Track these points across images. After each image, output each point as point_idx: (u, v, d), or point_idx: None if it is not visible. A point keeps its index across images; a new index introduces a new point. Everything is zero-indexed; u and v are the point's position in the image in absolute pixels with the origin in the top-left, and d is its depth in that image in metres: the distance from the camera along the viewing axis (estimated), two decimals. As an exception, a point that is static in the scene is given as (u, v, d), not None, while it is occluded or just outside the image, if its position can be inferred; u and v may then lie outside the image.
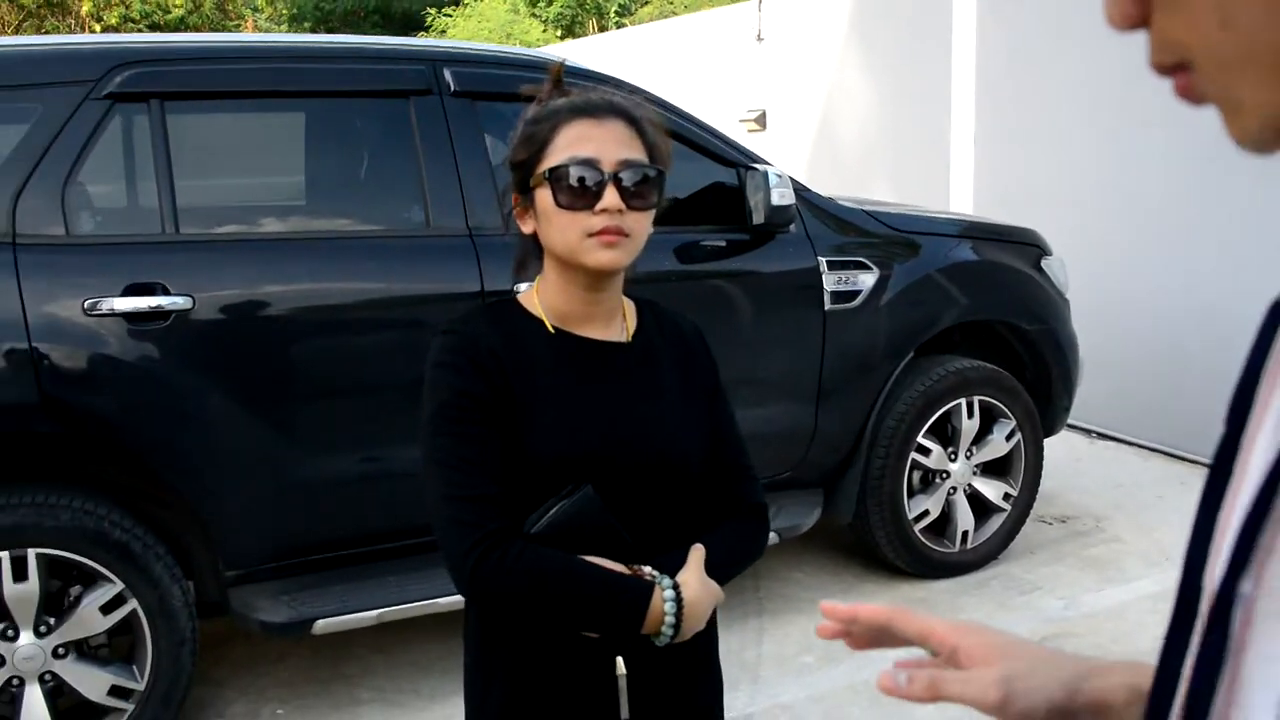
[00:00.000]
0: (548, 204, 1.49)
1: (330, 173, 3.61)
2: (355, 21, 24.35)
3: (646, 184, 1.51)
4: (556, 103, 1.54)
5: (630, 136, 1.52)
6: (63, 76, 3.03)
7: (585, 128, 1.50)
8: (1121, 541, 4.66)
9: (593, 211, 1.46)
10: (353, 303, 3.20)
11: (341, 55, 3.47)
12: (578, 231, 1.47)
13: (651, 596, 1.46)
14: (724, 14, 9.93)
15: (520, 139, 1.55)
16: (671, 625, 1.47)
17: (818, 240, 3.90)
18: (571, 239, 1.48)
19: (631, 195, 1.48)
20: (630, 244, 1.50)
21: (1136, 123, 5.79)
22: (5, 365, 2.84)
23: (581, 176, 1.47)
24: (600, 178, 1.47)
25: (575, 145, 1.49)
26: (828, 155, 8.47)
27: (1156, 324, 5.74)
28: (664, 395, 1.60)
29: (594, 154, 1.48)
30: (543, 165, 1.50)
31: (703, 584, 1.51)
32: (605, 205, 1.46)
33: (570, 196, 1.47)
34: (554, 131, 1.51)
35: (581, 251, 1.48)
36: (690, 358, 1.67)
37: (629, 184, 1.48)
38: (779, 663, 3.69)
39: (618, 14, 18.35)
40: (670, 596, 1.47)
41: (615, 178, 1.47)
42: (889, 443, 4.05)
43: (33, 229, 2.91)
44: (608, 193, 1.47)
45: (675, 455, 1.57)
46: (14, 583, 2.88)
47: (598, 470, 1.50)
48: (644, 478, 1.55)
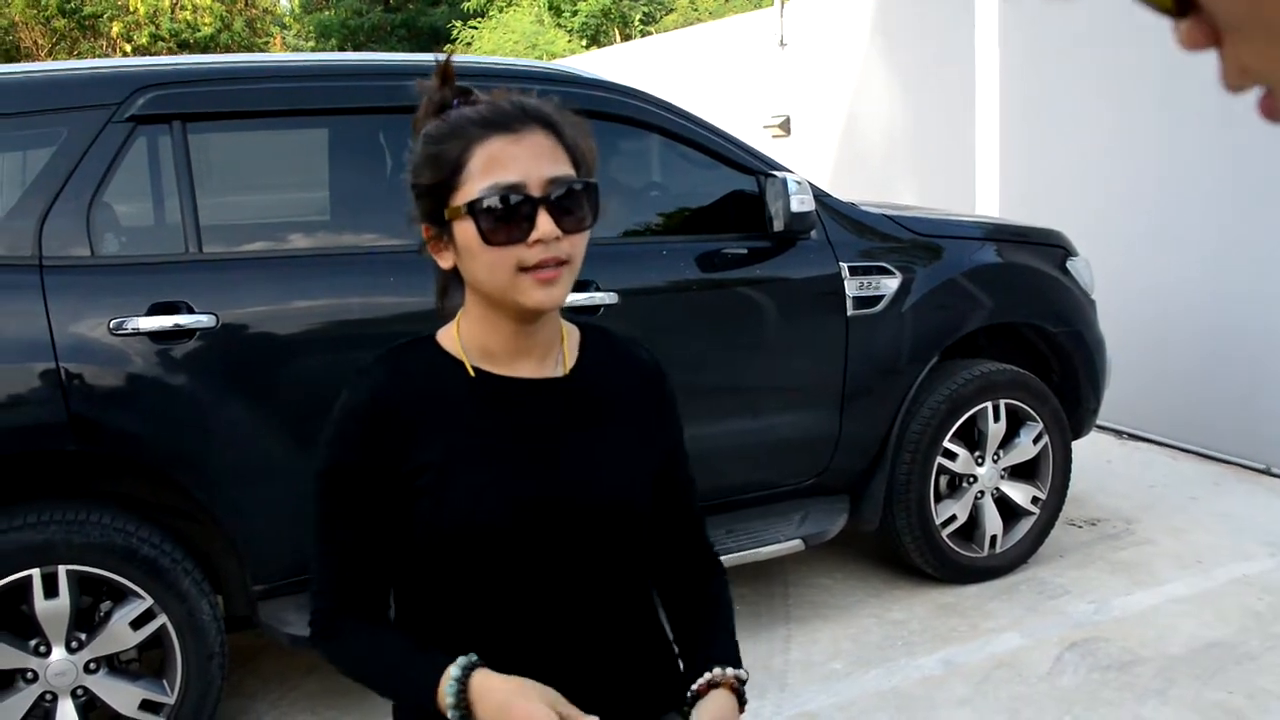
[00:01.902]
0: (470, 240, 1.31)
1: (352, 189, 3.63)
2: (382, 36, 24.52)
3: (580, 200, 1.34)
4: (462, 114, 1.34)
5: (552, 146, 1.34)
6: (86, 100, 3.07)
7: (501, 145, 1.31)
8: (1153, 544, 4.62)
9: (526, 244, 1.30)
10: (374, 317, 3.23)
11: (361, 73, 3.51)
12: (508, 268, 1.31)
13: (438, 685, 1.33)
14: (747, 20, 9.93)
15: (423, 158, 1.35)
16: (453, 707, 1.31)
17: (839, 246, 3.90)
18: (502, 277, 1.31)
19: (566, 217, 1.31)
20: (569, 273, 1.34)
21: (1162, 122, 5.75)
22: (34, 385, 2.88)
23: (509, 207, 1.29)
24: (530, 205, 1.30)
25: (494, 169, 1.30)
26: (852, 160, 8.46)
27: (1186, 323, 5.69)
28: (604, 437, 1.45)
29: (518, 177, 1.30)
30: (459, 196, 1.32)
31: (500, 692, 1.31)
32: (540, 235, 1.29)
33: (497, 231, 1.30)
34: (465, 153, 1.32)
35: (515, 290, 1.31)
36: (644, 391, 1.52)
37: (562, 205, 1.31)
38: (806, 670, 3.69)
39: (642, 23, 18.40)
40: (452, 680, 1.32)
41: (547, 201, 1.30)
42: (915, 448, 4.03)
43: (59, 250, 2.95)
44: (541, 220, 1.29)
45: (614, 506, 1.43)
46: (45, 599, 2.91)
47: (526, 532, 1.38)
48: (580, 533, 1.41)
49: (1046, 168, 6.55)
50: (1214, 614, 3.95)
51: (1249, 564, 4.36)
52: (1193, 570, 4.34)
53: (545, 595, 1.41)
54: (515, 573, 1.39)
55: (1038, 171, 6.63)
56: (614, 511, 1.44)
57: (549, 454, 1.41)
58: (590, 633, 1.44)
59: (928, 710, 3.39)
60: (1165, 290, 5.79)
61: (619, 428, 1.47)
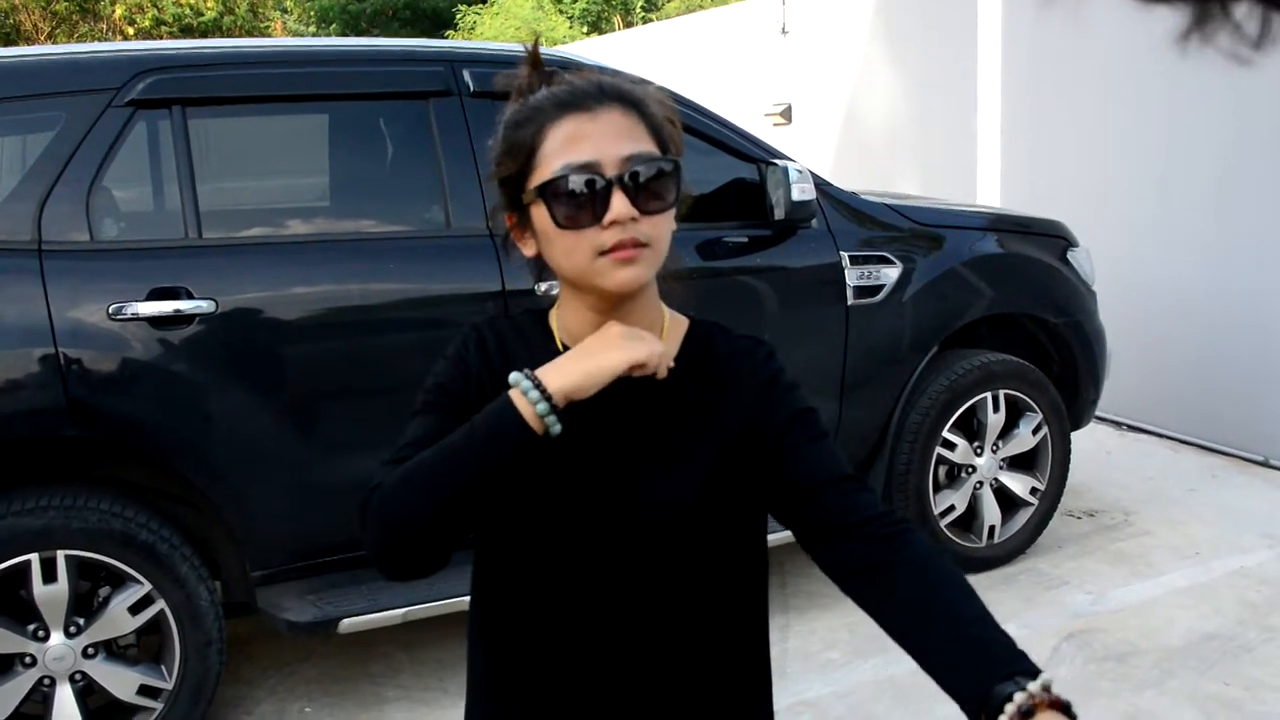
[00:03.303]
0: (546, 225, 1.25)
1: (351, 175, 3.63)
2: (384, 21, 24.45)
3: (661, 180, 1.25)
4: (537, 98, 1.29)
5: (632, 124, 1.26)
6: (86, 84, 3.06)
7: (577, 124, 1.25)
8: (1151, 535, 4.63)
9: (601, 226, 1.22)
10: (373, 303, 3.22)
11: (361, 58, 3.49)
12: (586, 252, 1.24)
13: (506, 398, 1.23)
14: (748, 8, 9.90)
15: (503, 149, 1.30)
16: (534, 389, 1.21)
17: (840, 235, 3.89)
18: (580, 261, 1.24)
19: (645, 197, 1.23)
20: (651, 254, 1.26)
21: (1164, 113, 5.74)
22: (33, 370, 2.88)
23: (581, 188, 1.22)
24: (604, 184, 1.22)
25: (568, 149, 1.24)
26: (854, 148, 8.44)
27: (1186, 315, 5.69)
28: (680, 439, 1.33)
29: (592, 156, 1.23)
30: (534, 180, 1.26)
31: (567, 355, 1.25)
32: (615, 216, 1.21)
33: (570, 213, 1.23)
34: (540, 135, 1.26)
35: (594, 273, 1.24)
36: (741, 389, 1.35)
37: (640, 184, 1.23)
38: (804, 658, 3.69)
39: (643, 9, 18.36)
40: (517, 379, 1.22)
41: (621, 180, 1.22)
42: (914, 438, 4.03)
43: (58, 235, 2.95)
44: (615, 200, 1.21)
45: (663, 514, 1.31)
46: (44, 584, 2.92)
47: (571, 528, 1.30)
48: (629, 539, 1.31)
49: (1048, 158, 6.54)
50: (1211, 606, 3.96)
51: (1247, 556, 4.37)
52: (1191, 562, 4.34)
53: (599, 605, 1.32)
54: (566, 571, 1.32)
55: (1039, 161, 6.62)
56: (663, 519, 1.31)
57: (612, 453, 1.32)
58: (675, 657, 1.34)
59: (924, 699, 3.39)
60: (1166, 282, 5.78)
61: (700, 430, 1.34)
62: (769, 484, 1.32)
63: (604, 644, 1.33)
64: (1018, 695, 1.05)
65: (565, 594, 1.33)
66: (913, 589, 1.23)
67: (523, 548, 1.33)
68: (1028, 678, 1.07)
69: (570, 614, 1.33)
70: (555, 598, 1.33)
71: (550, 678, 1.35)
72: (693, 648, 1.34)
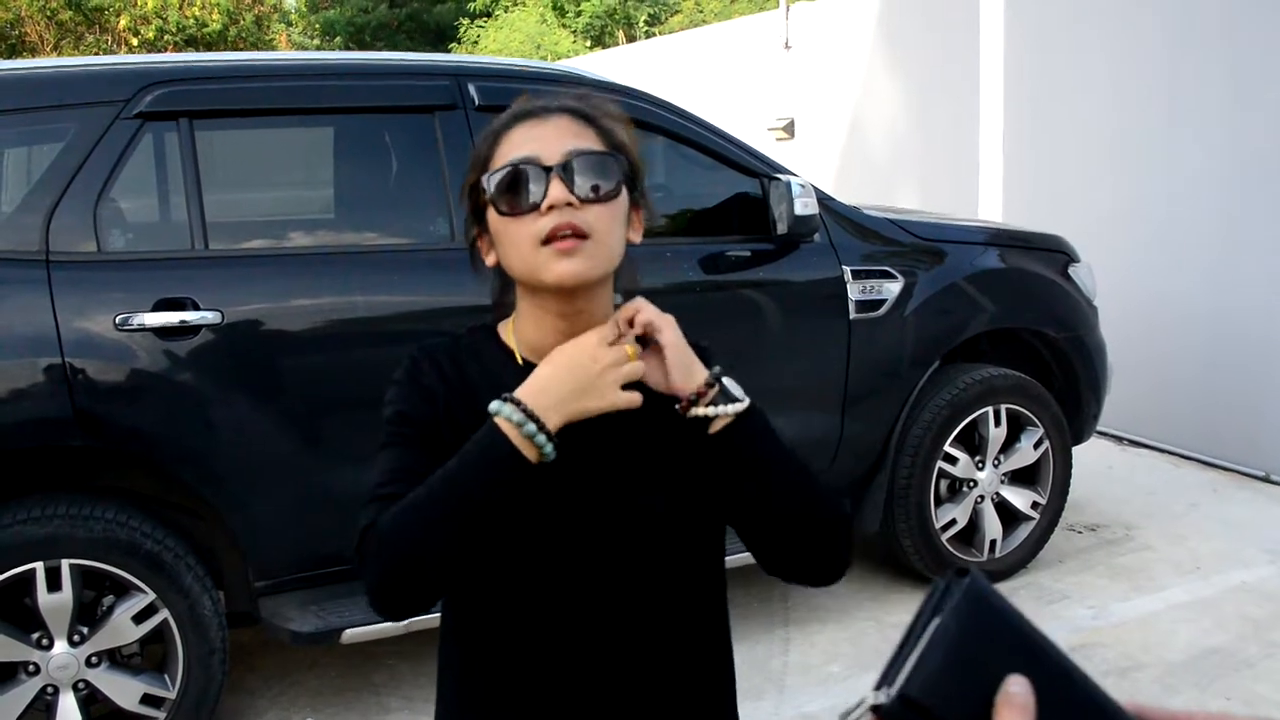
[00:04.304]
0: (495, 221, 1.31)
1: (357, 188, 3.65)
2: (388, 34, 24.54)
3: (603, 171, 1.29)
4: (499, 116, 1.36)
5: (580, 129, 1.32)
6: (94, 97, 3.09)
7: (527, 129, 1.31)
8: (1152, 550, 4.63)
9: (540, 212, 1.26)
10: (378, 315, 3.24)
11: (367, 72, 3.52)
12: (529, 241, 1.26)
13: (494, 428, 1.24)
14: (752, 22, 9.94)
15: (470, 164, 1.37)
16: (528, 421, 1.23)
17: (842, 249, 3.91)
18: (525, 252, 1.27)
19: (582, 183, 1.27)
20: (594, 248, 1.27)
21: (1166, 128, 5.76)
22: (39, 380, 2.89)
23: (520, 175, 1.27)
24: (543, 172, 1.26)
25: (515, 150, 1.29)
26: (856, 163, 8.47)
27: (1188, 330, 5.70)
28: (647, 437, 1.36)
29: (534, 151, 1.28)
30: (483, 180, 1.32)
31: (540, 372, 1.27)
32: (551, 200, 1.25)
33: (510, 200, 1.28)
34: (495, 144, 1.33)
35: (538, 266, 1.27)
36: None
37: (580, 173, 1.27)
38: (804, 672, 3.70)
39: (647, 24, 18.42)
40: (499, 409, 1.24)
41: (560, 169, 1.26)
42: (915, 451, 4.04)
43: (65, 246, 2.97)
44: (553, 186, 1.25)
45: (637, 508, 1.34)
46: (48, 593, 2.93)
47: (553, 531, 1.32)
48: (609, 537, 1.34)
49: (1050, 172, 6.56)
50: (1213, 620, 3.96)
51: (1248, 571, 4.37)
52: (1192, 577, 4.35)
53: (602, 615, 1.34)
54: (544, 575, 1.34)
55: (1041, 176, 6.64)
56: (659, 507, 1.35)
57: (584, 452, 1.32)
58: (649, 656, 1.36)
59: (925, 713, 3.40)
60: (1167, 297, 5.80)
61: (663, 433, 1.36)
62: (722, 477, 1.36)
63: (580, 650, 1.35)
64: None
65: (543, 604, 1.34)
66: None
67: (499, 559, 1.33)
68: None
69: (547, 622, 1.34)
70: (532, 607, 1.34)
71: (525, 687, 1.36)
72: (665, 654, 1.37)
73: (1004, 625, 0.72)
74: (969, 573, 0.72)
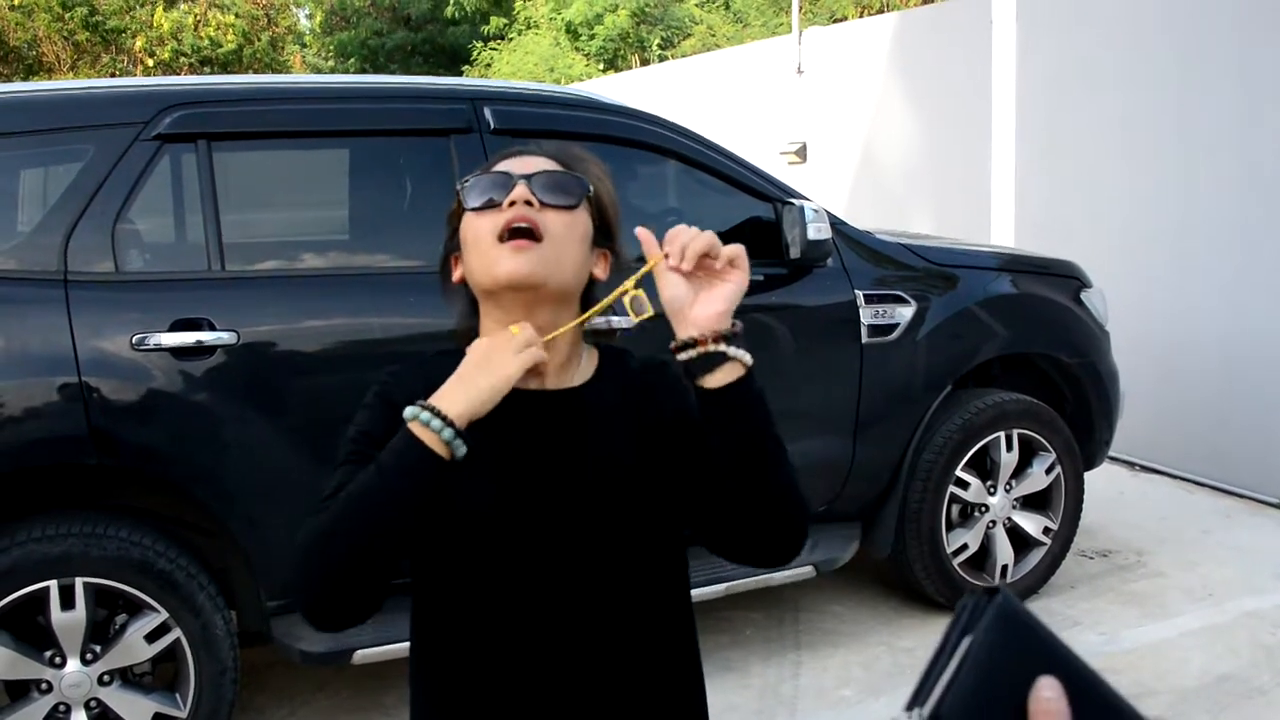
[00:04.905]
0: (464, 224, 1.41)
1: (373, 210, 3.67)
2: (402, 57, 24.66)
3: (567, 188, 1.40)
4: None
5: (548, 163, 1.43)
6: (114, 118, 3.12)
7: (504, 159, 1.45)
8: (1164, 576, 4.62)
9: (501, 208, 1.36)
10: (393, 337, 3.26)
11: (383, 95, 3.54)
12: (489, 236, 1.36)
13: (406, 432, 1.29)
14: (764, 47, 9.98)
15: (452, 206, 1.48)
16: (434, 417, 1.28)
17: (854, 274, 3.92)
18: (485, 248, 1.36)
19: (545, 190, 1.37)
20: (547, 250, 1.35)
21: (1178, 155, 5.77)
22: (56, 399, 2.91)
23: (491, 179, 1.40)
24: (509, 178, 1.38)
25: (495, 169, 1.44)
26: (868, 187, 8.49)
27: (1200, 356, 5.70)
28: (612, 449, 1.41)
29: (508, 168, 1.41)
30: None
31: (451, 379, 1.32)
32: (513, 196, 1.35)
33: (480, 197, 1.38)
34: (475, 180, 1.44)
35: (492, 261, 1.35)
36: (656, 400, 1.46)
37: (542, 184, 1.38)
38: (817, 696, 3.69)
39: (660, 48, 18.49)
40: (415, 413, 1.29)
41: (527, 178, 1.38)
42: (927, 476, 4.04)
43: (84, 266, 2.99)
44: (517, 187, 1.37)
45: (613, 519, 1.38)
46: (62, 611, 2.94)
47: (521, 544, 1.36)
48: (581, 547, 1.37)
49: (1062, 198, 6.57)
50: (1225, 647, 3.95)
51: (1261, 598, 4.36)
52: (1204, 603, 4.33)
53: (567, 615, 1.38)
54: (533, 591, 1.37)
55: (1054, 201, 6.65)
56: (614, 524, 1.38)
57: (551, 465, 1.39)
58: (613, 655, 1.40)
59: (937, 739, 3.38)
60: (1179, 323, 5.80)
61: (630, 441, 1.42)
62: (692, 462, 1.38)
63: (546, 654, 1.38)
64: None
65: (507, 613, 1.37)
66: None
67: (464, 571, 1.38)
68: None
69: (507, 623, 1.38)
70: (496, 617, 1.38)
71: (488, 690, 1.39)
72: (630, 651, 1.41)
73: (1036, 643, 0.72)
74: (999, 591, 0.72)
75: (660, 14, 19.06)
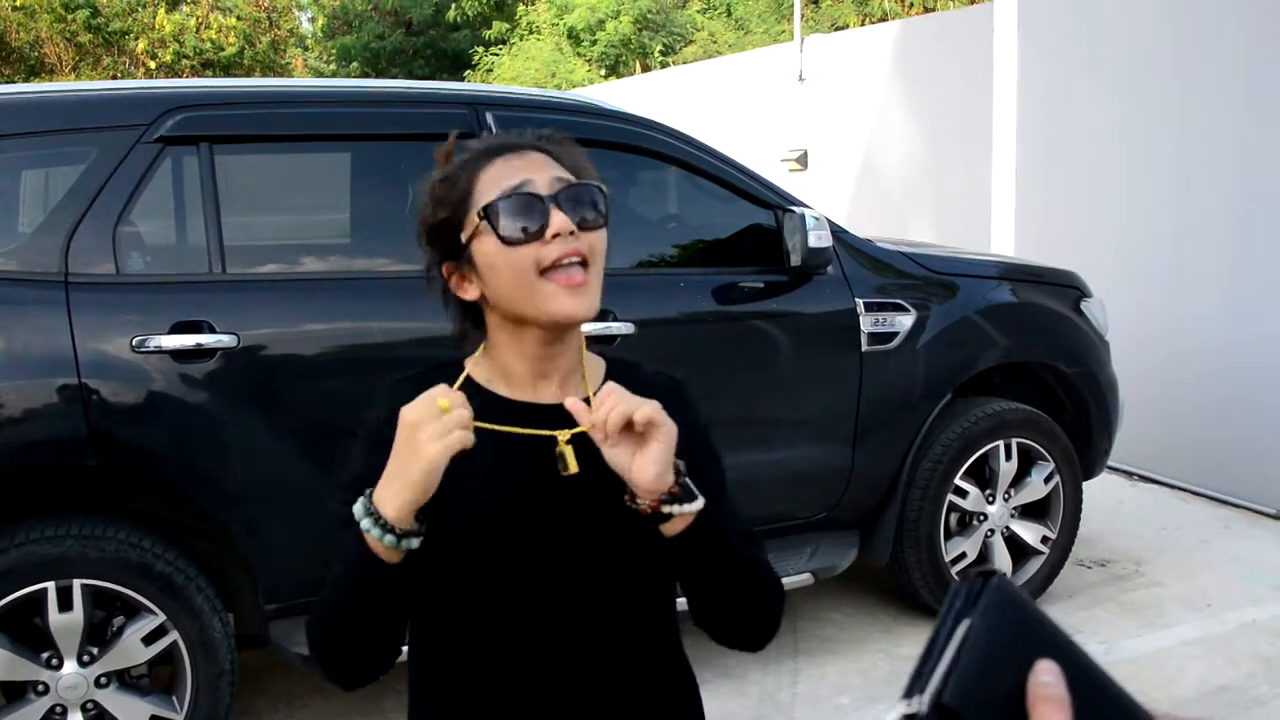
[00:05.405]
0: (490, 252, 1.32)
1: (374, 214, 3.67)
2: (404, 61, 24.67)
3: (590, 198, 1.34)
4: (464, 151, 1.40)
5: (552, 163, 1.37)
6: (116, 121, 3.12)
7: (505, 162, 1.35)
8: (1162, 586, 4.62)
9: (544, 241, 1.30)
10: (393, 341, 3.26)
11: (385, 100, 3.55)
12: (530, 270, 1.30)
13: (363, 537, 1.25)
14: (766, 54, 9.99)
15: (432, 200, 1.39)
16: (374, 525, 1.23)
17: (855, 282, 3.92)
18: (526, 282, 1.31)
19: (578, 211, 1.32)
20: (595, 278, 1.33)
21: (1178, 164, 5.77)
22: (56, 400, 2.91)
23: (522, 203, 1.31)
24: (541, 202, 1.31)
25: (500, 181, 1.33)
26: (869, 195, 8.49)
27: (1200, 366, 5.70)
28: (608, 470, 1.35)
29: (524, 178, 1.32)
30: (472, 211, 1.34)
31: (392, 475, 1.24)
32: (556, 229, 1.29)
33: (515, 227, 1.30)
34: (472, 179, 1.35)
35: (541, 298, 1.30)
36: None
37: (572, 201, 1.32)
38: (814, 703, 3.68)
39: (662, 54, 18.49)
40: (360, 516, 1.24)
41: (556, 199, 1.31)
42: (926, 484, 4.04)
43: (84, 268, 2.99)
44: (554, 215, 1.30)
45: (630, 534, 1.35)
46: (59, 613, 2.93)
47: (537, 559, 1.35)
48: (595, 562, 1.37)
49: (1063, 207, 6.57)
50: (1224, 658, 3.94)
51: (1259, 608, 4.35)
52: (1203, 613, 4.33)
53: (560, 628, 1.38)
54: (527, 604, 1.37)
55: (1054, 211, 6.65)
56: (633, 544, 1.36)
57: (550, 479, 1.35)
58: (604, 668, 1.40)
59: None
60: (1179, 333, 5.80)
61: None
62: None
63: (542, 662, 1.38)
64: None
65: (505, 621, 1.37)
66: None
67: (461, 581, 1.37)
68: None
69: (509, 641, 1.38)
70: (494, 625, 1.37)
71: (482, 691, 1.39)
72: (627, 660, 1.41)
73: (1035, 625, 0.71)
74: (995, 573, 0.72)
75: (662, 21, 19.07)
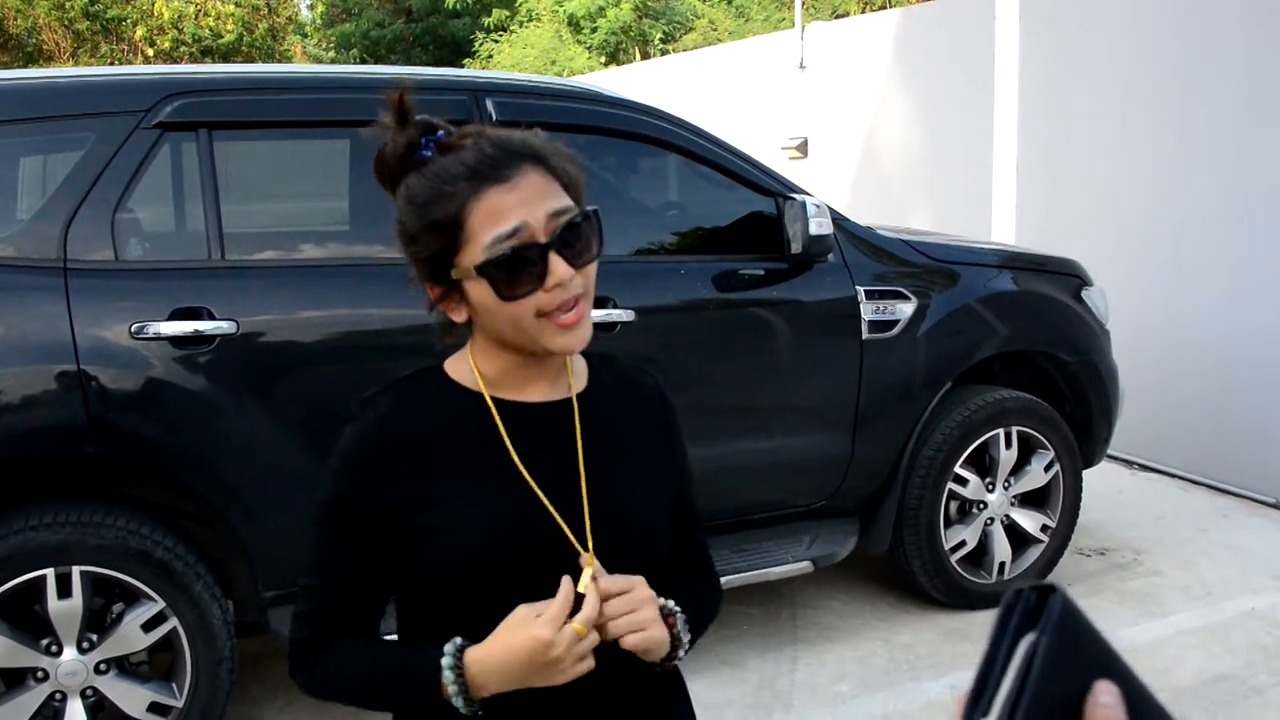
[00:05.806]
0: (487, 299, 1.29)
1: (373, 200, 3.63)
2: (404, 47, 24.61)
3: (585, 233, 1.31)
4: (444, 169, 1.29)
5: (545, 181, 1.30)
6: (115, 106, 3.11)
7: (497, 196, 1.27)
8: (1161, 575, 4.62)
9: (544, 290, 1.27)
10: (392, 327, 3.25)
11: (384, 85, 3.52)
12: (529, 315, 1.28)
13: (436, 670, 1.28)
14: (766, 42, 9.96)
15: (420, 227, 1.30)
16: (458, 693, 1.27)
17: (856, 269, 3.92)
18: (526, 326, 1.29)
19: (576, 254, 1.29)
20: (586, 310, 1.32)
21: (1180, 154, 5.76)
22: (55, 387, 2.90)
23: (519, 260, 1.26)
24: (539, 251, 1.27)
25: (494, 222, 1.26)
26: (869, 183, 8.48)
27: (1200, 355, 5.69)
28: (622, 459, 1.42)
29: (519, 221, 1.26)
30: (465, 257, 1.28)
31: (496, 648, 1.27)
32: (557, 280, 1.27)
33: (512, 285, 1.27)
34: (462, 212, 1.27)
35: (541, 337, 1.30)
36: (651, 417, 1.48)
37: (569, 243, 1.28)
38: (812, 691, 3.69)
39: (662, 41, 18.44)
40: (448, 664, 1.27)
41: (554, 245, 1.27)
42: (926, 472, 4.04)
43: (83, 254, 2.98)
44: (554, 264, 1.27)
45: (639, 531, 1.38)
46: (59, 599, 2.93)
47: (545, 560, 1.32)
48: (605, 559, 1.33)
49: (1064, 196, 6.56)
50: (1222, 647, 3.95)
51: (1258, 597, 4.36)
52: (1201, 602, 4.33)
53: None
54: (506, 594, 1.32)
55: (1055, 199, 6.64)
56: (639, 536, 1.38)
57: (567, 477, 1.35)
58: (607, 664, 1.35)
59: (933, 735, 3.39)
60: (1179, 322, 5.79)
61: (634, 450, 1.43)
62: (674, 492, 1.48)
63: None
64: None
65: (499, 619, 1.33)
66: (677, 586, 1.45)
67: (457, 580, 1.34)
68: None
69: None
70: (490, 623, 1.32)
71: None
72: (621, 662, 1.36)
73: (1091, 644, 0.70)
74: (1056, 588, 0.69)
75: (662, 8, 19.03)
